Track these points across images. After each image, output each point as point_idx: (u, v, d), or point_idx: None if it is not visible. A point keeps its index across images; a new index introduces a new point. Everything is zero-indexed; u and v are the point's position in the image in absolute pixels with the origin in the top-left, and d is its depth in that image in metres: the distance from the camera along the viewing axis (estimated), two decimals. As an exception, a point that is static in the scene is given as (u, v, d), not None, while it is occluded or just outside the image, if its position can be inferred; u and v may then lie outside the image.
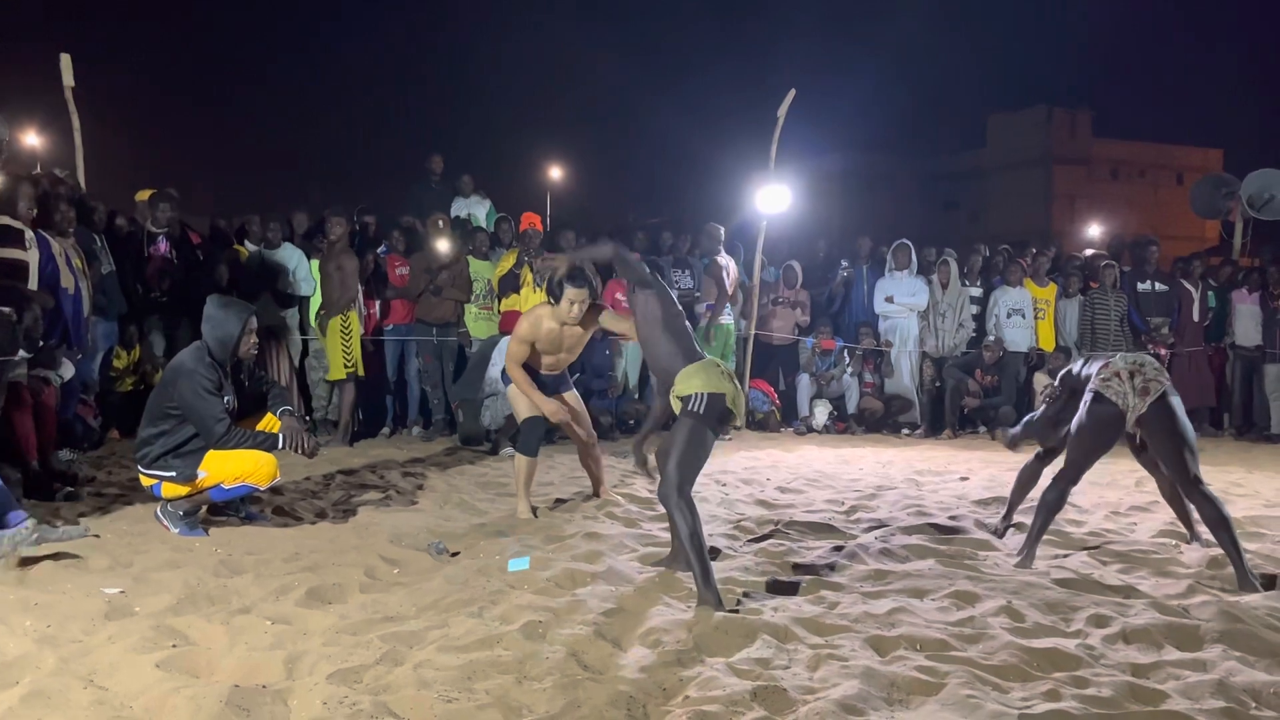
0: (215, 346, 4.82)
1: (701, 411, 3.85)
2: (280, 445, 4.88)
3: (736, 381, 4.02)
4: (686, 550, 3.72)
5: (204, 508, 4.87)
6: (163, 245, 8.15)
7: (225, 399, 4.80)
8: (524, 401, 5.41)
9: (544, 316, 5.28)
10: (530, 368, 5.42)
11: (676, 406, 3.97)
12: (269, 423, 5.09)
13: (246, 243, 8.80)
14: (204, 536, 4.66)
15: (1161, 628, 3.50)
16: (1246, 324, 10.17)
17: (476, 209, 10.40)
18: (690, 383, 3.92)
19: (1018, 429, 5.37)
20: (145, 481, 4.84)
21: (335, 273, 8.09)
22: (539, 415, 5.41)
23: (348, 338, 8.13)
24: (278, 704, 2.75)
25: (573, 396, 5.72)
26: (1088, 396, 4.46)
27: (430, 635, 3.32)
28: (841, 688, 2.87)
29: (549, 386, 5.51)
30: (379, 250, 9.04)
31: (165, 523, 4.73)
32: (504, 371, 5.63)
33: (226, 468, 4.73)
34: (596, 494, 5.90)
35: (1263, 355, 9.99)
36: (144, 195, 8.41)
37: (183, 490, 4.77)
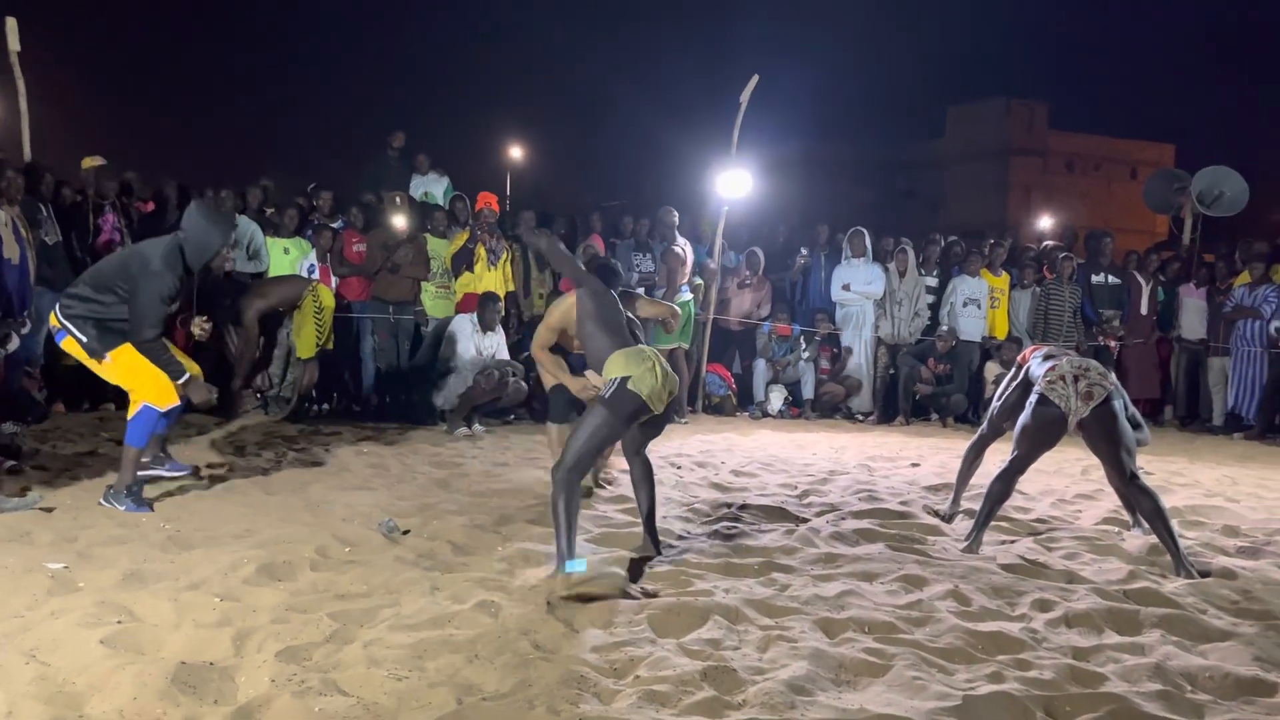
0: (191, 253, 4.74)
1: (608, 396, 3.85)
2: (181, 380, 4.78)
3: (662, 371, 3.91)
4: (555, 524, 3.75)
5: (143, 487, 4.82)
6: (110, 217, 8.00)
7: (172, 306, 4.79)
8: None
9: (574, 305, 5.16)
10: (560, 348, 5.31)
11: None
12: (189, 364, 5.01)
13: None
14: (150, 513, 4.61)
15: (1102, 612, 3.58)
16: (1192, 318, 10.39)
17: (434, 186, 10.31)
18: (611, 368, 3.93)
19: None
20: (53, 323, 4.76)
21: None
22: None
23: (320, 314, 8.04)
24: (224, 681, 2.73)
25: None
26: (1033, 397, 4.57)
27: (381, 614, 3.31)
28: (790, 668, 2.91)
29: (578, 367, 5.39)
30: (336, 226, 8.93)
31: (112, 504, 4.65)
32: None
33: (130, 370, 4.70)
34: (594, 478, 5.69)
35: (1207, 348, 10.22)
36: (88, 163, 8.22)
37: (79, 353, 4.70)
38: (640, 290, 9.44)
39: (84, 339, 4.67)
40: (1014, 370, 5.14)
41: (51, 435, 6.62)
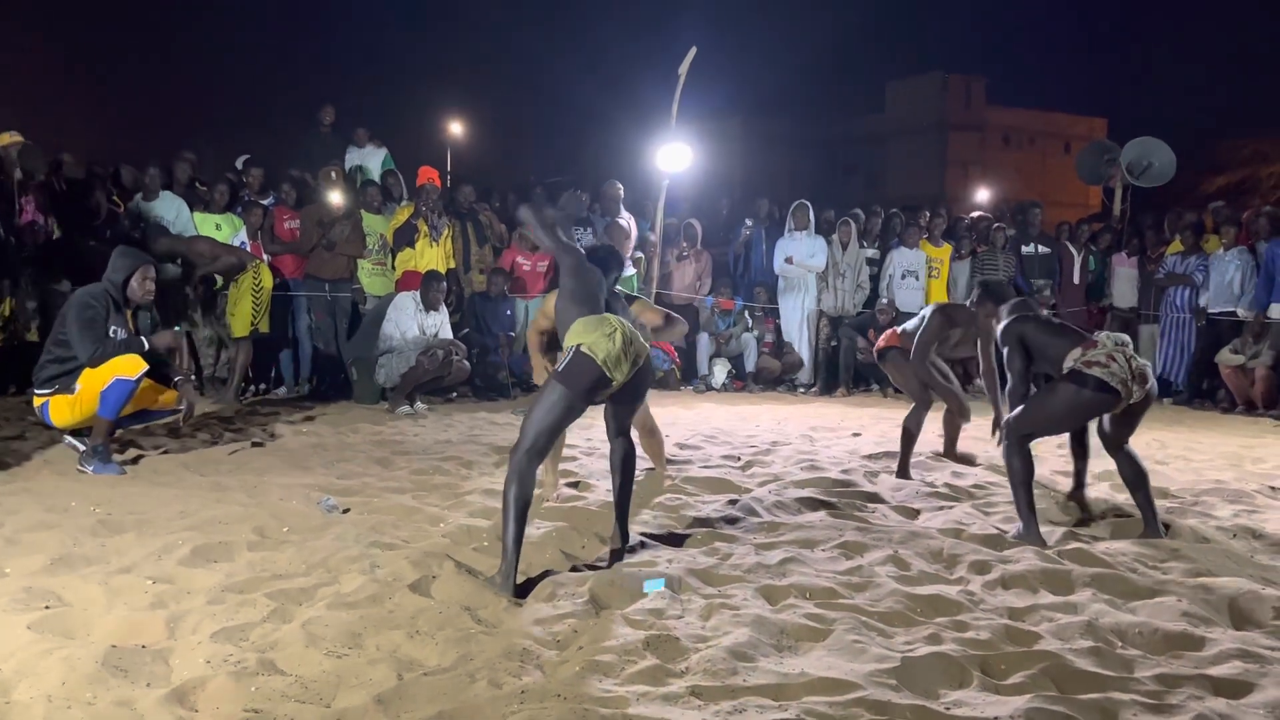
0: (110, 287, 5.26)
1: (562, 368, 3.55)
2: (145, 349, 5.21)
3: (623, 338, 3.57)
4: (503, 513, 3.44)
5: (111, 439, 5.18)
6: (33, 197, 7.74)
7: (111, 329, 5.16)
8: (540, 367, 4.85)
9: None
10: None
11: None
12: (170, 396, 5.48)
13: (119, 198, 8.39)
14: (121, 474, 4.96)
15: (1037, 573, 3.65)
16: (1124, 286, 10.63)
17: (372, 160, 10.12)
18: (568, 338, 3.64)
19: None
20: (36, 402, 5.25)
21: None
22: None
23: (258, 293, 7.89)
24: (158, 663, 2.67)
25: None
26: (1078, 378, 4.10)
27: (320, 593, 3.26)
28: (733, 635, 2.92)
29: None
30: (266, 203, 8.75)
31: (82, 468, 4.99)
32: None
33: (96, 375, 5.08)
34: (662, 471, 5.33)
35: (1138, 317, 10.46)
36: (5, 139, 7.93)
37: (66, 405, 5.12)
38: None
39: (55, 388, 5.16)
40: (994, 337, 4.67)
41: (-25, 420, 6.43)
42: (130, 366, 5.09)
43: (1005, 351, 4.45)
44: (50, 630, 2.85)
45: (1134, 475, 4.38)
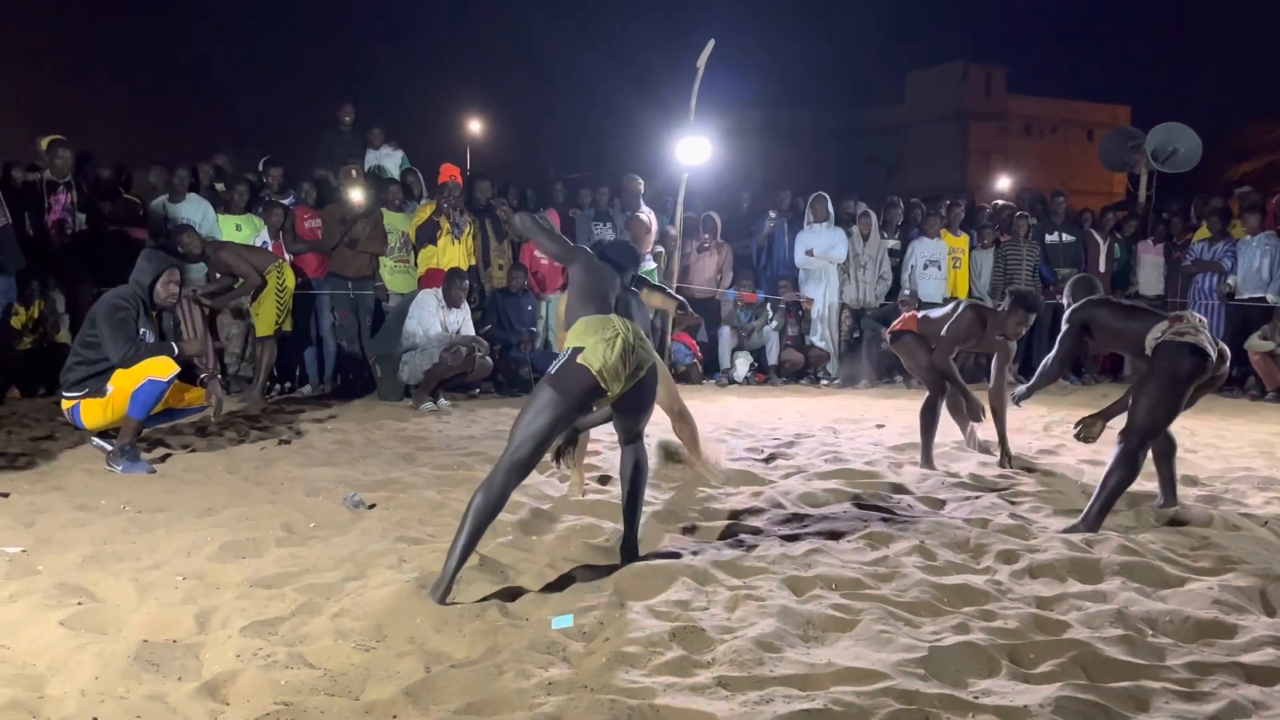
0: (138, 289, 5.30)
1: (554, 371, 3.34)
2: (176, 353, 5.26)
3: (623, 345, 3.33)
4: (462, 517, 3.23)
5: (138, 438, 5.25)
6: (63, 197, 7.82)
7: (141, 330, 5.20)
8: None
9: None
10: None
11: None
12: (196, 394, 5.53)
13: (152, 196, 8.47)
14: (150, 473, 5.02)
15: (1065, 563, 3.62)
16: (1150, 274, 10.53)
17: (388, 161, 10.16)
18: (569, 338, 3.44)
19: (1024, 388, 4.93)
20: (66, 405, 5.26)
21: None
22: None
23: (281, 292, 7.94)
24: (189, 658, 2.70)
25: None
26: (1174, 349, 4.09)
27: (348, 587, 3.28)
28: (759, 626, 2.92)
29: None
30: (287, 202, 8.80)
31: (111, 467, 5.05)
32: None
33: (128, 376, 5.12)
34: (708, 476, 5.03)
35: (1165, 304, 10.34)
36: (46, 142, 8.03)
37: (97, 407, 5.13)
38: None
39: (86, 390, 5.18)
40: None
41: (7, 421, 6.52)
42: (162, 368, 5.13)
43: (1062, 330, 4.60)
44: (82, 626, 2.88)
45: (1165, 444, 4.51)
